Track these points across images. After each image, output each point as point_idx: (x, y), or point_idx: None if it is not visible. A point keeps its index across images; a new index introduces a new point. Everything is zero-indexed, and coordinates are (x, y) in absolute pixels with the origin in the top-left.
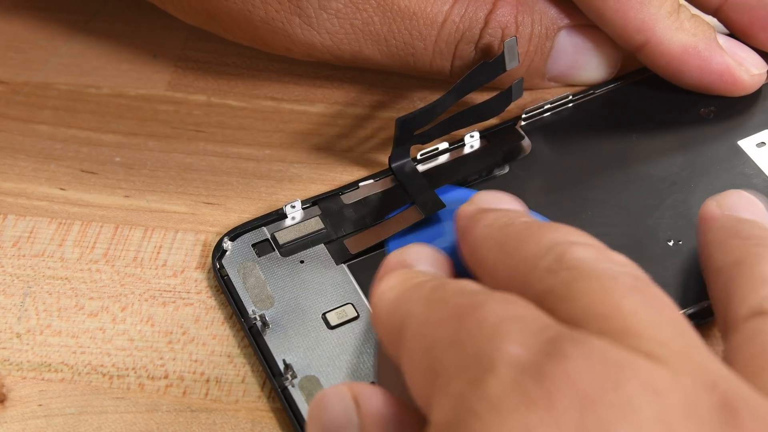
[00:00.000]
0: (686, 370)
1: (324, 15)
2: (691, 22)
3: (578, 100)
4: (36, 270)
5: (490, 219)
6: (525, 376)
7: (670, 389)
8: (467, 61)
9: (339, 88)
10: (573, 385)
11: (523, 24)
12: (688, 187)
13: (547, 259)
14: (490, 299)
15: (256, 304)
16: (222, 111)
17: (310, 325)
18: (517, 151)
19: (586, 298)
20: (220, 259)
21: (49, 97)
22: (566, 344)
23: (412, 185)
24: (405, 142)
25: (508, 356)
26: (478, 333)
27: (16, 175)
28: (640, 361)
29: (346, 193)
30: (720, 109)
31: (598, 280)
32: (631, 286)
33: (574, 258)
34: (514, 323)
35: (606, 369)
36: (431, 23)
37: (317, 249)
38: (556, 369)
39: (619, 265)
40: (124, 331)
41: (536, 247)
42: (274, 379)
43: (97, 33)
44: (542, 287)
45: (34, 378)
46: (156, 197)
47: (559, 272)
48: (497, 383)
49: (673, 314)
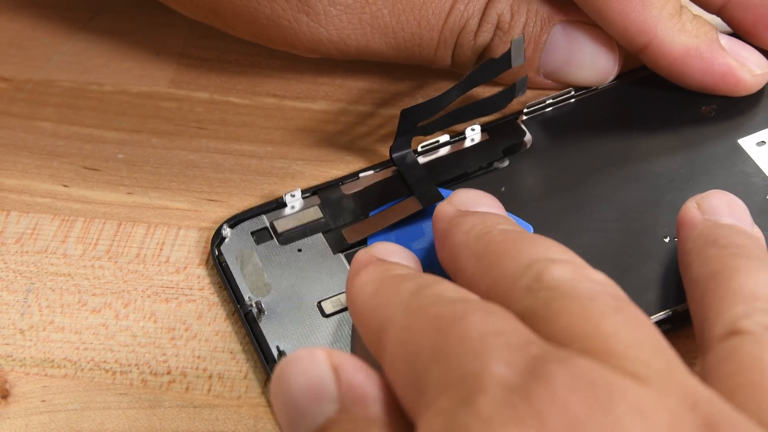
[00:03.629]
0: (669, 390)
1: (332, 11)
2: (693, 23)
3: (580, 96)
4: (39, 266)
5: (467, 225)
6: (514, 395)
7: (655, 410)
8: (467, 50)
9: (341, 85)
10: (562, 407)
11: (519, 13)
12: (687, 185)
13: (525, 278)
14: (470, 310)
15: (252, 291)
16: (224, 108)
17: (306, 312)
18: (517, 145)
19: (566, 318)
20: (218, 246)
21: (51, 95)
22: (552, 365)
23: (412, 176)
24: (407, 133)
25: (495, 376)
26: (461, 349)
27: (19, 172)
28: (626, 383)
29: (346, 183)
30: (721, 108)
31: (577, 301)
32: (611, 306)
33: (553, 278)
34: (495, 338)
35: (594, 391)
36: (439, 12)
37: (315, 238)
38: (545, 390)
39: (598, 284)
40: (126, 327)
41: (514, 264)
42: (268, 366)
43: (100, 30)
44: (522, 307)
45: (37, 374)
46: (159, 194)
47: (539, 292)
48: (487, 401)
49: (652, 333)
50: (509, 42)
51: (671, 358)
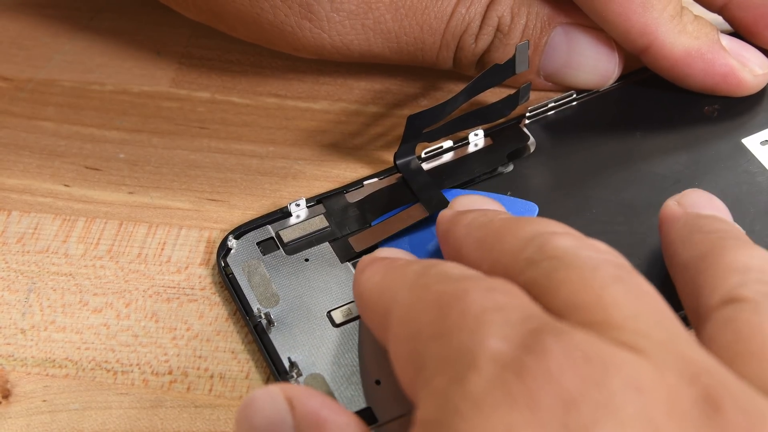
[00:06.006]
0: (668, 363)
1: (336, 17)
2: (693, 24)
3: (582, 98)
4: (40, 266)
5: (468, 219)
6: (507, 372)
7: (652, 385)
8: (468, 53)
9: (342, 85)
10: (555, 383)
11: (519, 16)
12: (693, 186)
13: (527, 250)
14: (473, 287)
15: (261, 302)
16: (226, 108)
17: (315, 323)
18: (521, 150)
19: (568, 289)
20: (224, 258)
21: (53, 94)
22: (548, 338)
23: (416, 183)
24: (412, 139)
25: (489, 352)
26: (460, 325)
27: (21, 172)
28: (622, 355)
29: (351, 191)
30: (724, 108)
31: (578, 270)
32: (612, 275)
33: (555, 247)
34: (495, 314)
35: (588, 366)
36: (441, 16)
37: (322, 247)
38: (538, 366)
39: (600, 252)
40: (128, 327)
41: (516, 240)
42: (279, 377)
43: (101, 30)
44: (525, 279)
45: (39, 374)
46: (160, 194)
47: (540, 263)
48: (479, 380)
49: (654, 303)
50: (510, 44)
51: (673, 328)
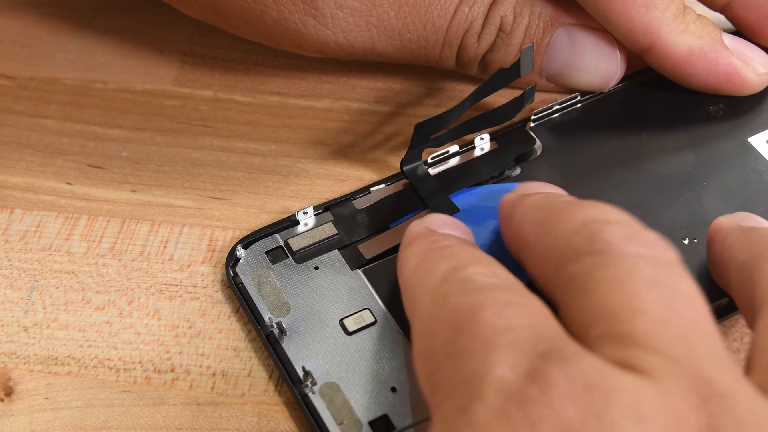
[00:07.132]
0: (678, 385)
1: (339, 14)
2: (696, 24)
3: (587, 100)
4: (43, 264)
5: (531, 200)
6: (510, 402)
7: (654, 412)
8: (471, 52)
9: (345, 84)
10: (556, 416)
11: (521, 15)
12: (701, 185)
13: (578, 237)
14: (489, 302)
15: (272, 311)
16: (228, 106)
17: (328, 331)
18: (527, 153)
19: (601, 292)
20: (233, 267)
21: (55, 92)
22: (553, 367)
23: (424, 189)
24: (419, 145)
25: (495, 381)
26: (470, 349)
27: (23, 170)
28: (627, 381)
29: (358, 198)
30: (729, 107)
31: (616, 271)
32: (649, 278)
33: (602, 239)
34: (505, 336)
35: (590, 396)
36: (444, 14)
37: (331, 255)
38: (541, 397)
39: (647, 246)
40: (130, 324)
41: (570, 223)
42: (294, 387)
43: (104, 28)
44: (568, 273)
45: (41, 371)
46: (162, 192)
47: (584, 258)
48: (483, 410)
49: (687, 307)
50: (512, 44)
51: (698, 338)
